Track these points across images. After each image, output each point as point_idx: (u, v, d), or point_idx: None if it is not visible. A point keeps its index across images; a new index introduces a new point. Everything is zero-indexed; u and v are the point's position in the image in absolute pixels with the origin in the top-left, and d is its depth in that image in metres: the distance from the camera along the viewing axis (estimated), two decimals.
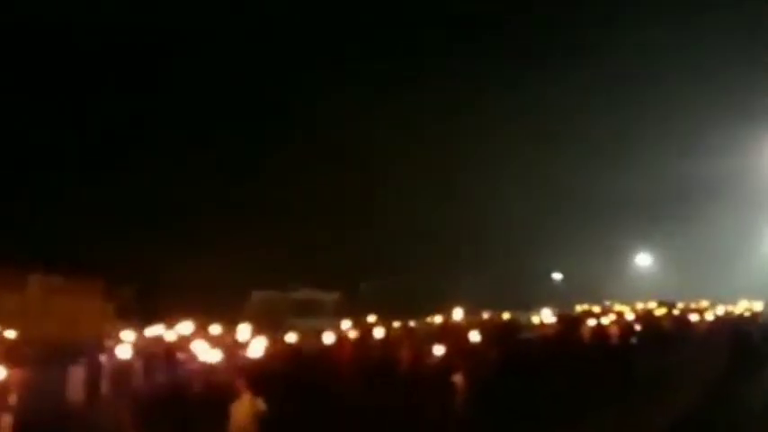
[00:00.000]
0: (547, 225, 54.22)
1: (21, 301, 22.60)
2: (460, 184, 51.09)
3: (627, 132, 54.72)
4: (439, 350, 8.94)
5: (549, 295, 41.74)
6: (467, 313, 20.50)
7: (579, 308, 22.20)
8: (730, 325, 22.14)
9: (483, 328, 13.80)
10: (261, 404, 8.18)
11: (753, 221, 54.66)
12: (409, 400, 8.63)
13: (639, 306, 23.19)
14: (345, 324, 16.11)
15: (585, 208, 56.18)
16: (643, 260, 59.72)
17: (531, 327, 14.95)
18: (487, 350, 9.79)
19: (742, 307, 30.95)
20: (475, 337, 10.02)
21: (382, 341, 11.54)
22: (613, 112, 55.05)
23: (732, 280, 51.31)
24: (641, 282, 52.72)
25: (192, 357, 10.54)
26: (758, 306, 36.52)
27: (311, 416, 8.55)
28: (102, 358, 11.23)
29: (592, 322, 14.67)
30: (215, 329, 14.21)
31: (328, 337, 10.97)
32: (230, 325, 15.35)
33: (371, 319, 15.80)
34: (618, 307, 21.95)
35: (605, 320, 15.26)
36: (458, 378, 8.63)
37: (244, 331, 11.56)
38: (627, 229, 55.59)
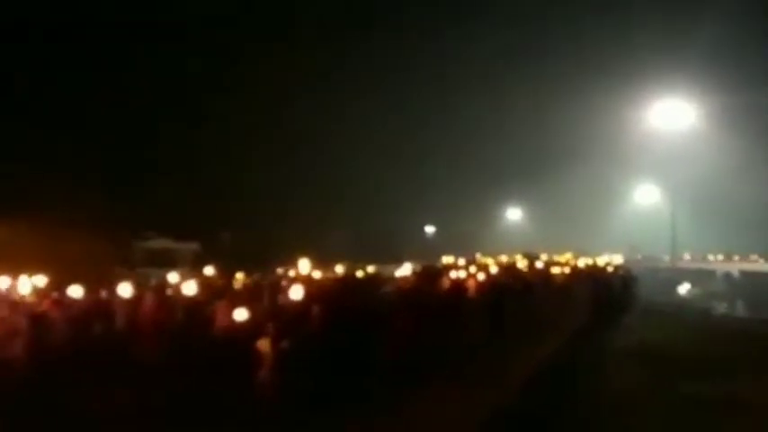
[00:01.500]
0: (420, 182, 54.41)
1: None
2: (332, 143, 49.53)
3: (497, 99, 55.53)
4: (241, 313, 7.18)
5: (422, 249, 41.46)
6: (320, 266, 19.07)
7: (445, 260, 21.30)
8: (592, 276, 22.30)
9: (329, 282, 12.20)
10: None
11: (617, 181, 57.58)
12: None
13: (504, 258, 22.69)
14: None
15: (458, 165, 56.85)
16: (513, 215, 61.29)
17: (392, 281, 13.64)
18: (308, 307, 8.15)
19: (603, 260, 31.71)
20: (296, 293, 8.32)
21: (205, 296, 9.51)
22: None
23: (597, 235, 53.75)
24: (511, 235, 53.82)
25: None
26: (618, 259, 37.94)
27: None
28: None
29: (453, 275, 13.54)
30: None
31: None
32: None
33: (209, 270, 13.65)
34: (483, 260, 21.23)
35: (463, 273, 14.12)
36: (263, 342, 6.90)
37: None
38: (498, 185, 56.69)
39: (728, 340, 16.91)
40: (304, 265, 11.21)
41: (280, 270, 17.48)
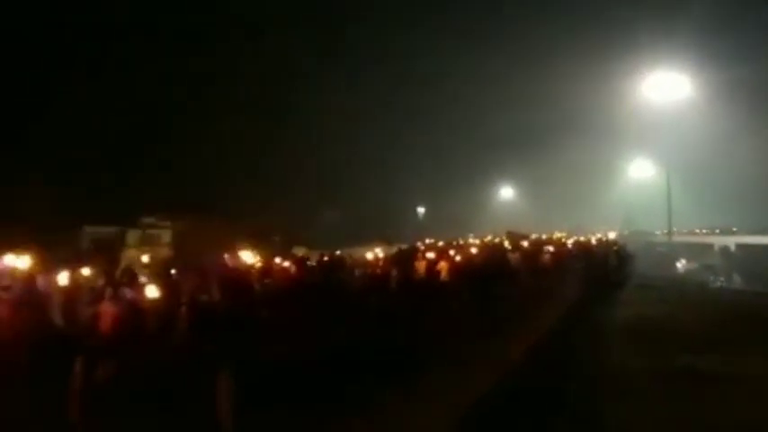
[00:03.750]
0: (412, 161, 53.83)
1: None
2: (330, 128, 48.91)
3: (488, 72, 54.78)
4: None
5: (414, 230, 40.98)
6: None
7: (427, 242, 20.83)
8: (585, 253, 21.85)
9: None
10: None
11: (611, 158, 56.96)
12: None
13: (488, 238, 22.20)
14: None
15: (451, 144, 56.29)
16: (506, 193, 60.71)
17: (365, 264, 13.12)
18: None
19: (597, 237, 31.37)
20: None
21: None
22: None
23: (592, 211, 53.38)
24: (504, 214, 53.28)
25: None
26: (612, 235, 37.57)
27: None
28: None
29: (431, 257, 13.04)
30: None
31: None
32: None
33: None
34: (465, 240, 20.67)
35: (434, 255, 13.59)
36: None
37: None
38: (490, 163, 56.13)
39: (725, 314, 16.55)
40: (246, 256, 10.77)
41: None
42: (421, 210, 50.79)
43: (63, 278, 8.88)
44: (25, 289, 8.31)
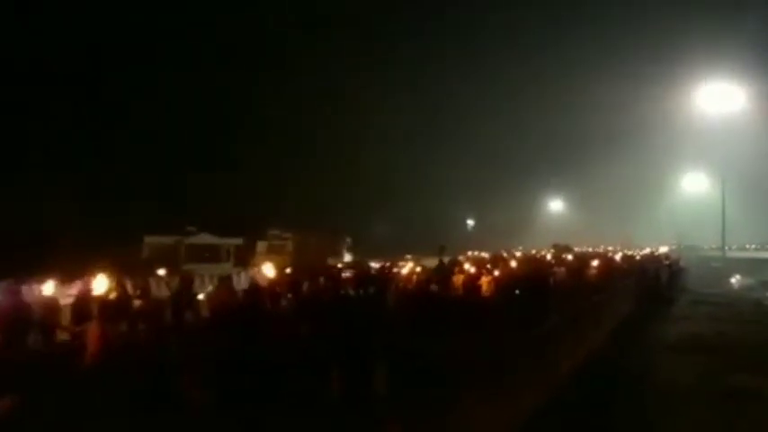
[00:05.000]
0: (462, 174, 54.03)
1: None
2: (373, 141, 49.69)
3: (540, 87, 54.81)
4: None
5: (464, 241, 41.23)
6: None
7: (469, 254, 21.01)
8: (637, 267, 21.76)
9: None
10: None
11: (664, 171, 56.10)
12: None
13: (533, 251, 22.11)
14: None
15: (502, 156, 56.25)
16: (556, 206, 60.38)
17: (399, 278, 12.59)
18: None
19: (647, 251, 31.15)
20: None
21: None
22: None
23: (644, 225, 52.66)
24: (553, 227, 53.04)
25: None
26: (664, 249, 37.12)
27: None
28: None
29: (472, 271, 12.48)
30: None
31: None
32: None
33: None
34: (506, 253, 20.35)
35: (475, 269, 12.89)
36: None
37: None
38: (541, 176, 55.94)
39: None
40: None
41: None
42: (471, 222, 51.06)
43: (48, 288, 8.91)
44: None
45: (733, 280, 44.96)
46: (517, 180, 54.96)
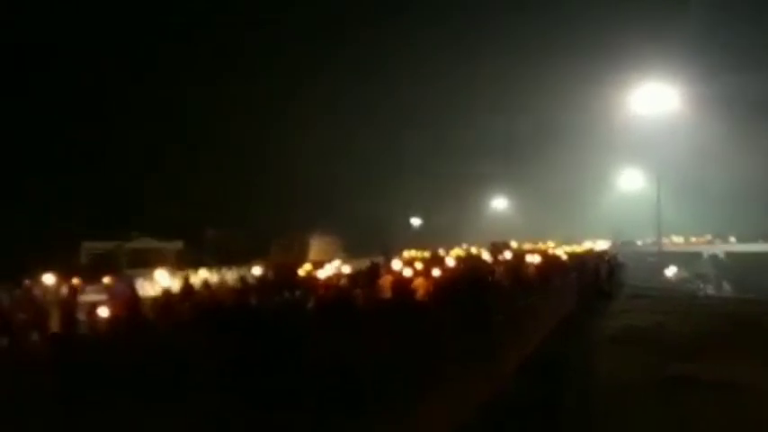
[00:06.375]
0: (405, 172, 54.20)
1: None
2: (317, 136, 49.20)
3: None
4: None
5: (408, 241, 41.20)
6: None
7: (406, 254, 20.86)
8: (576, 263, 22.04)
9: None
10: None
11: (602, 170, 57.62)
12: None
13: (472, 249, 22.05)
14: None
15: (445, 155, 56.67)
16: (499, 204, 61.17)
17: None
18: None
19: (586, 247, 31.80)
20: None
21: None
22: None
23: (583, 221, 53.87)
24: (496, 225, 53.63)
25: None
26: (603, 245, 38.01)
27: None
28: None
29: (405, 273, 11.54)
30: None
31: None
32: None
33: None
34: (444, 253, 19.96)
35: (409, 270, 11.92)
36: None
37: None
38: (482, 174, 56.52)
39: (715, 322, 16.80)
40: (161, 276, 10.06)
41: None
42: (415, 221, 51.10)
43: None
44: None
45: (669, 273, 46.59)
46: (461, 180, 55.42)
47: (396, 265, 12.80)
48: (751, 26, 53.78)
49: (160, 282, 9.46)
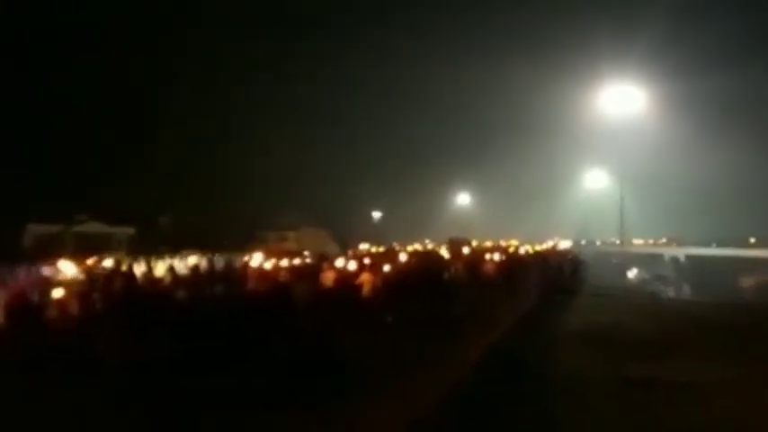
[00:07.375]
0: (367, 165, 53.64)
1: None
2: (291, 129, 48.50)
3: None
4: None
5: (368, 235, 40.51)
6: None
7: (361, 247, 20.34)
8: (537, 261, 21.65)
9: None
10: None
11: (567, 169, 57.74)
12: None
13: (430, 245, 21.54)
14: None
15: (410, 150, 56.34)
16: (463, 200, 60.70)
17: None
18: None
19: (548, 245, 31.58)
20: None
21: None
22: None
23: (548, 219, 53.88)
24: (459, 221, 53.23)
25: None
26: (566, 244, 37.84)
27: None
28: None
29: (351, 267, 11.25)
30: None
31: None
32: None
33: None
34: (400, 247, 19.45)
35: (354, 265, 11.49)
36: None
37: None
38: (448, 169, 56.26)
39: (674, 323, 16.65)
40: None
41: None
42: (377, 214, 50.26)
43: None
44: None
45: (630, 274, 46.81)
46: (425, 175, 55.05)
47: (340, 260, 12.27)
48: (717, 27, 54.51)
49: (65, 272, 8.54)
